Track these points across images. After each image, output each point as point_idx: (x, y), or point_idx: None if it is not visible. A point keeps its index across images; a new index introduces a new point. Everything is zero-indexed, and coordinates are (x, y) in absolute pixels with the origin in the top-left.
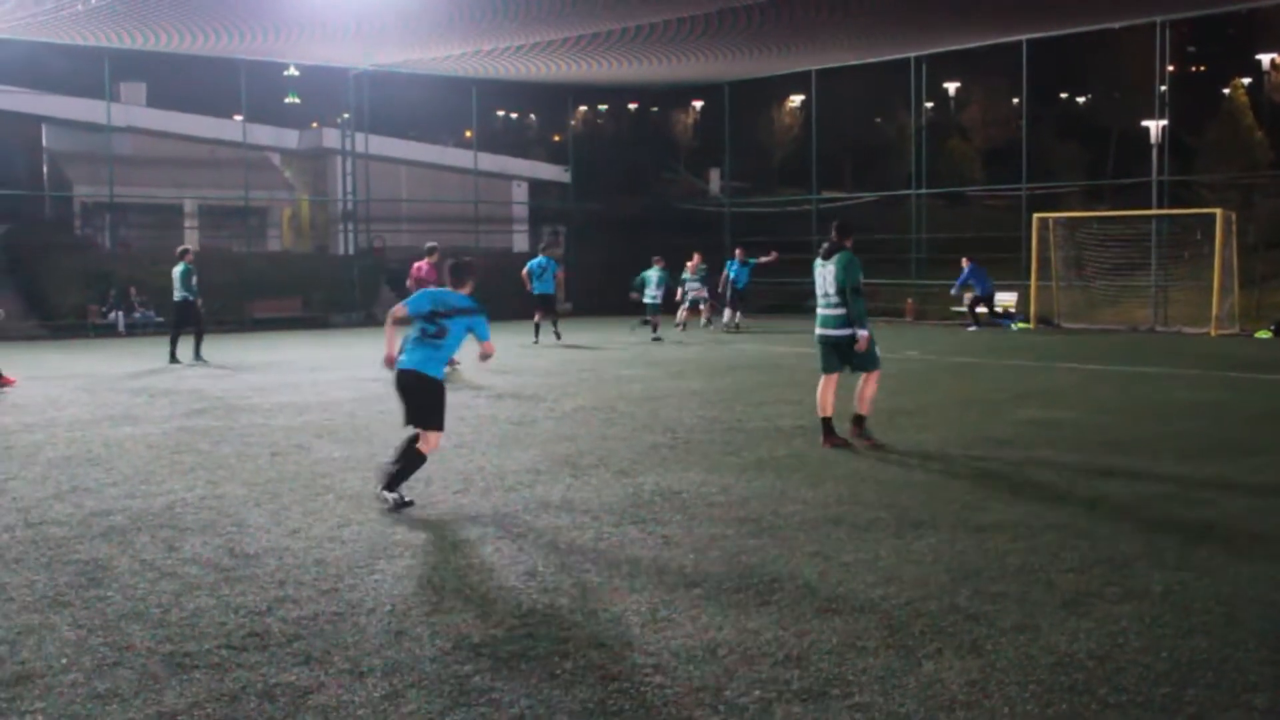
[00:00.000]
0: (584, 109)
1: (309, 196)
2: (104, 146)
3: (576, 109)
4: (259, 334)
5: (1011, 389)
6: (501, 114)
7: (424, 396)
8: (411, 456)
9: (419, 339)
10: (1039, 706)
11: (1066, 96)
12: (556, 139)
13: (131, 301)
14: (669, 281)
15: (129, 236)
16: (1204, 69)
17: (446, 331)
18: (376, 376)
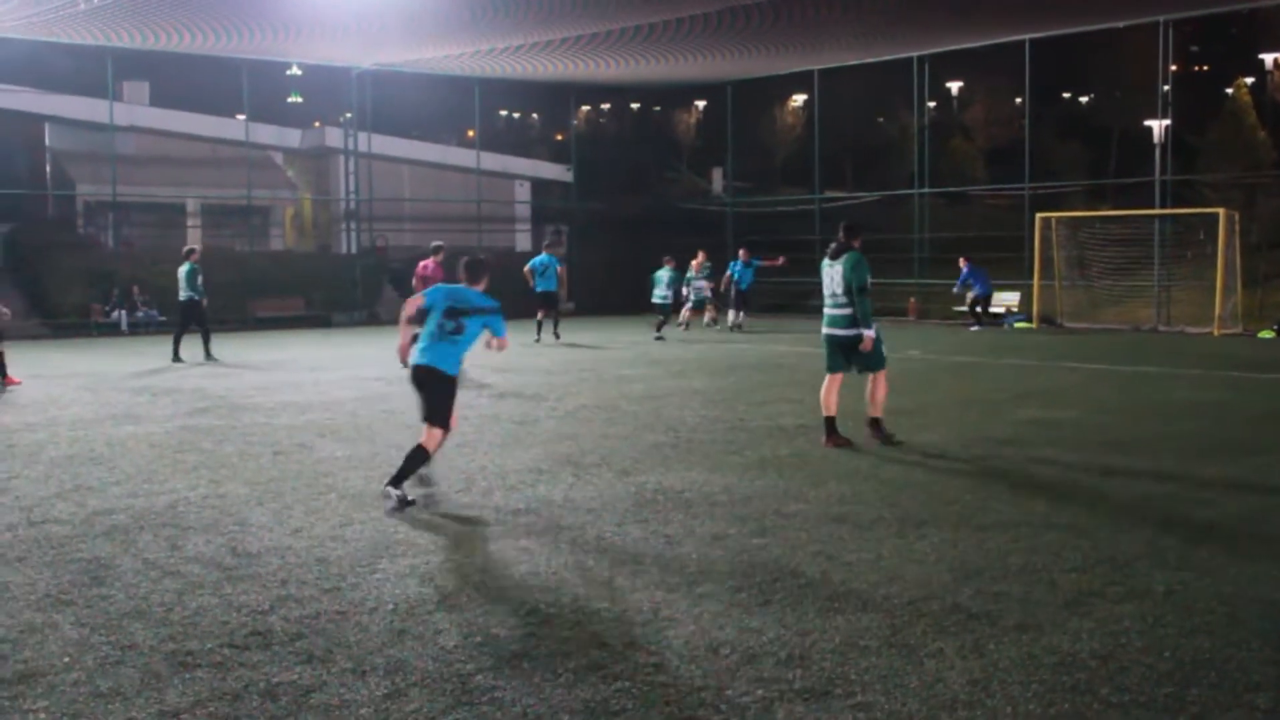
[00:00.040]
0: (586, 108)
1: (311, 196)
2: (107, 146)
3: (579, 108)
4: (261, 333)
5: (1013, 388)
6: (504, 113)
7: (437, 392)
8: (415, 453)
9: (438, 335)
10: (1041, 706)
11: (1069, 96)
12: (559, 138)
13: (134, 300)
14: (679, 281)
15: (132, 235)
16: (1207, 69)
17: (464, 329)
18: (379, 376)
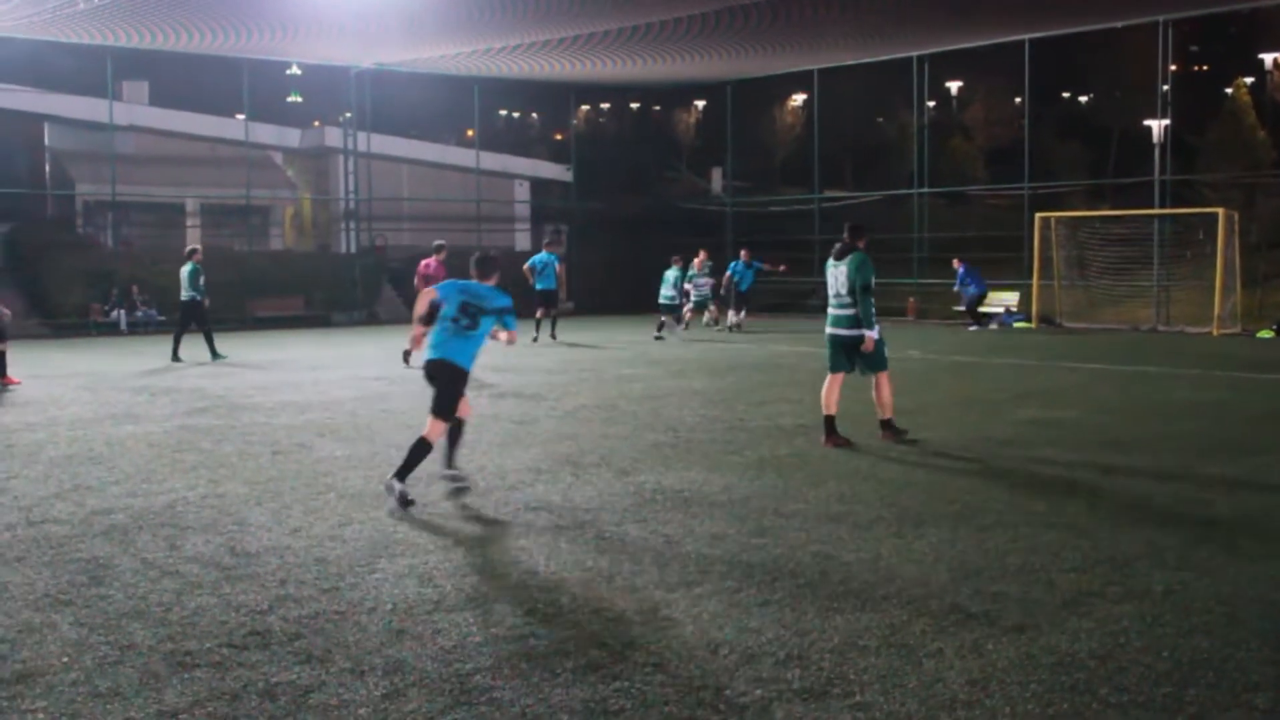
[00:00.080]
0: (586, 108)
1: (311, 195)
2: (106, 145)
3: (579, 108)
4: (261, 333)
5: (1012, 388)
6: (503, 113)
7: (446, 384)
8: (418, 445)
9: (453, 330)
10: (1040, 706)
11: (1069, 96)
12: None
13: (133, 300)
14: (683, 281)
15: (131, 235)
16: (1206, 68)
17: (479, 324)
18: (378, 375)
